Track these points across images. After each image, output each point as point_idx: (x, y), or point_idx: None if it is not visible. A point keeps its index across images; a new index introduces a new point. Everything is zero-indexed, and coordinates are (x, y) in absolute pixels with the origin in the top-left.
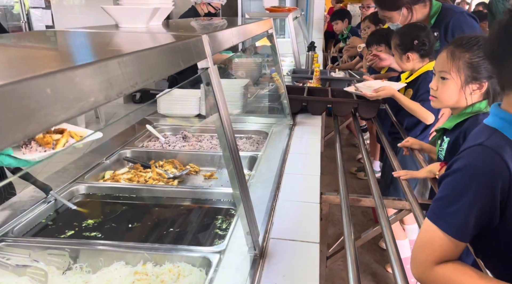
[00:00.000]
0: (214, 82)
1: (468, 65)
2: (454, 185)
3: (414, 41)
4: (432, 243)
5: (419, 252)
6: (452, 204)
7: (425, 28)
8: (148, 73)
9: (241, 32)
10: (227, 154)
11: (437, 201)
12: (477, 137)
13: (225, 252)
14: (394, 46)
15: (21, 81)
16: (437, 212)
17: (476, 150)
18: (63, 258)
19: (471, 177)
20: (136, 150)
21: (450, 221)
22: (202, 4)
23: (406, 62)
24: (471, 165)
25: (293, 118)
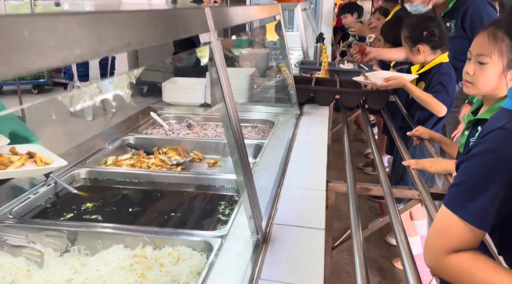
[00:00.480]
0: (217, 57)
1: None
2: (476, 170)
3: (424, 32)
4: (448, 231)
5: (433, 240)
6: (473, 190)
7: (435, 19)
8: (143, 35)
9: (246, 12)
10: (230, 133)
11: (455, 186)
12: (497, 122)
13: (227, 236)
14: (404, 39)
15: None
16: (455, 199)
17: (499, 133)
18: (60, 240)
19: (495, 162)
20: (139, 136)
21: (470, 208)
22: None
23: (417, 55)
24: (494, 149)
25: (300, 109)
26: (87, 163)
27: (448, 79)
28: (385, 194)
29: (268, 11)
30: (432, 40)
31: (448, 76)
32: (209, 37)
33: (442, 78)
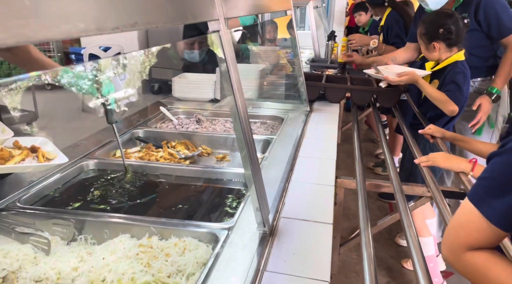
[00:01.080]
0: (226, 46)
1: None
2: (507, 167)
3: (440, 29)
4: (469, 226)
5: (453, 232)
6: (501, 188)
7: (452, 15)
8: (151, 16)
9: (256, 3)
10: (238, 125)
11: (482, 180)
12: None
13: (233, 228)
14: (420, 35)
15: None
16: (481, 194)
17: None
18: (68, 229)
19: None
20: (148, 130)
21: (495, 206)
22: None
23: (432, 52)
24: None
25: (310, 105)
26: (96, 154)
27: (462, 79)
28: (395, 190)
29: (279, 4)
30: (448, 38)
31: (463, 75)
32: (218, 25)
33: (456, 77)
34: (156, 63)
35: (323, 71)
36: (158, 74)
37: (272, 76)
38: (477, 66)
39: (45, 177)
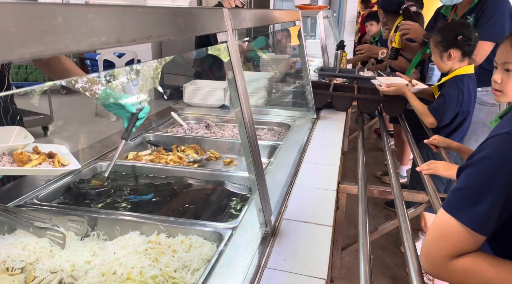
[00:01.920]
0: (233, 56)
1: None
2: (478, 176)
3: (459, 36)
4: (450, 236)
5: (433, 246)
6: (474, 196)
7: (468, 26)
8: (164, 29)
9: (265, 15)
10: (243, 129)
11: (456, 191)
12: (504, 125)
13: (237, 228)
14: (435, 44)
15: (34, 3)
16: (456, 204)
17: (503, 139)
18: (81, 225)
19: (498, 168)
20: (159, 134)
21: (472, 213)
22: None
23: (446, 61)
24: (498, 155)
25: (317, 113)
26: (109, 156)
27: (456, 94)
28: (395, 197)
29: (288, 16)
30: (467, 44)
31: (457, 90)
32: (226, 36)
33: (449, 91)
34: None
35: (331, 79)
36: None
37: (281, 84)
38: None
39: (62, 177)
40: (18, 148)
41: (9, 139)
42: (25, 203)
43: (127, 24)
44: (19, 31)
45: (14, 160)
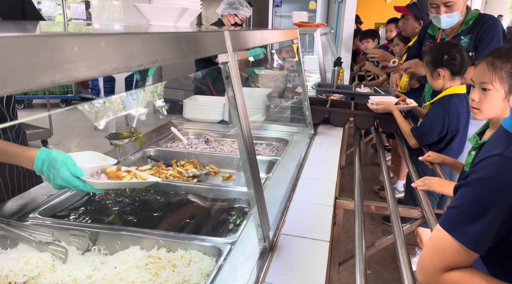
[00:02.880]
0: (233, 76)
1: (510, 75)
2: (474, 197)
3: (444, 56)
4: (445, 251)
5: (428, 259)
6: (471, 216)
7: (456, 45)
8: (169, 54)
9: (264, 35)
10: (242, 145)
11: (453, 209)
12: (495, 145)
13: (236, 243)
14: (426, 63)
15: (53, 35)
16: (452, 221)
17: (497, 161)
18: (83, 240)
19: (493, 191)
20: (159, 149)
21: (469, 232)
22: (228, 15)
23: (437, 79)
24: (493, 178)
25: (314, 129)
26: None
27: (441, 116)
28: (390, 212)
29: (286, 35)
30: (452, 64)
31: (443, 112)
32: (227, 57)
33: (433, 113)
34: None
35: (329, 96)
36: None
37: (279, 100)
38: None
39: (63, 192)
40: (107, 167)
41: (94, 161)
42: (27, 217)
43: (136, 50)
44: (39, 61)
45: (111, 177)
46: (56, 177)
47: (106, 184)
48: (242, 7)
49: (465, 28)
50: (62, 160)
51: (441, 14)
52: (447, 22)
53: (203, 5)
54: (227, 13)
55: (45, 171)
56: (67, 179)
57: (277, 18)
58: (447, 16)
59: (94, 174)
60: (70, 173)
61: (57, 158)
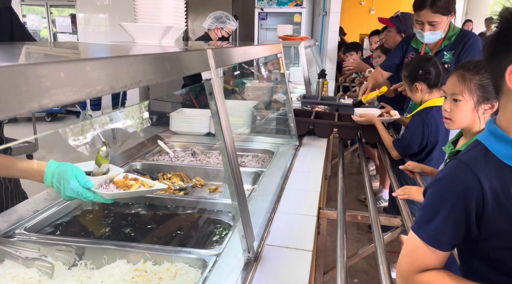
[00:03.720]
0: (216, 92)
1: (478, 87)
2: (432, 196)
3: (419, 71)
4: (414, 251)
5: (403, 260)
6: (430, 214)
7: (431, 59)
8: (152, 75)
9: (246, 51)
10: (226, 159)
11: (420, 210)
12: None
13: (221, 255)
14: (404, 78)
15: (41, 63)
16: (418, 221)
17: (452, 163)
18: (69, 255)
19: (444, 190)
20: (146, 162)
21: (427, 229)
22: (215, 29)
23: (415, 93)
24: (444, 178)
25: (299, 140)
26: None
27: (420, 128)
28: (371, 221)
29: (269, 50)
30: (428, 78)
31: (422, 125)
32: (210, 74)
33: (413, 125)
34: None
35: (313, 107)
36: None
37: (265, 112)
38: None
39: (49, 207)
40: (114, 176)
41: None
42: (13, 233)
43: (120, 73)
44: (28, 89)
45: (119, 186)
46: (66, 189)
47: (116, 195)
48: (229, 21)
49: (448, 44)
50: (72, 172)
51: (425, 31)
52: (430, 38)
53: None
54: (214, 27)
55: (55, 183)
56: (78, 190)
57: (263, 30)
58: (431, 33)
59: (103, 184)
60: (81, 184)
61: (67, 169)
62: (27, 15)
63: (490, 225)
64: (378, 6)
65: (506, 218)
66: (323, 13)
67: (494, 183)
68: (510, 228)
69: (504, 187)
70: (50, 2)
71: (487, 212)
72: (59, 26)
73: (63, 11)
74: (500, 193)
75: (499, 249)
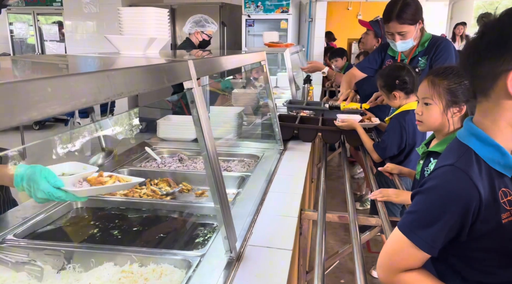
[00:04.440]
0: (198, 101)
1: (447, 91)
2: (428, 204)
3: (396, 80)
4: (401, 252)
5: (387, 258)
6: (426, 221)
7: (404, 68)
8: (134, 86)
9: (228, 61)
10: (208, 165)
11: (410, 214)
12: (449, 155)
13: (205, 256)
14: (380, 88)
15: (30, 80)
16: (410, 226)
17: (448, 171)
18: (58, 259)
19: (443, 200)
20: (133, 169)
21: (423, 236)
22: (196, 33)
23: (393, 100)
24: (444, 187)
25: (284, 145)
26: None
27: (398, 131)
28: (349, 221)
29: (252, 58)
30: (405, 87)
31: (400, 128)
32: (191, 84)
33: (391, 128)
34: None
35: (298, 112)
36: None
37: (251, 117)
38: None
39: (38, 214)
40: (88, 175)
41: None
42: (4, 240)
43: (102, 86)
44: (18, 104)
45: (93, 183)
46: (37, 191)
47: (88, 191)
48: (208, 24)
49: (422, 50)
50: (40, 173)
51: (396, 41)
52: (402, 47)
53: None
54: (194, 31)
55: (25, 186)
56: (48, 190)
57: (250, 37)
58: (402, 42)
59: (76, 183)
60: (51, 184)
61: (35, 171)
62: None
63: (478, 229)
64: (365, 11)
65: (492, 222)
66: (309, 19)
67: (486, 189)
68: (493, 231)
69: (492, 192)
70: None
71: (480, 217)
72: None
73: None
74: (490, 198)
75: (479, 249)
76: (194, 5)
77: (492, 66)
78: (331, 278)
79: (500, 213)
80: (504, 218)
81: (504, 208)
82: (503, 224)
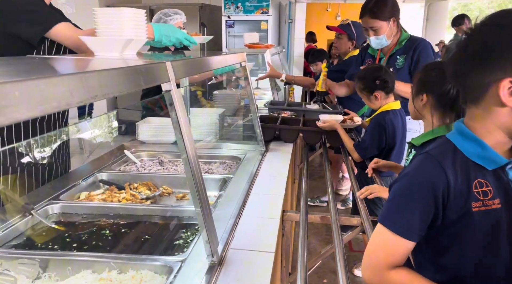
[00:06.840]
0: (176, 102)
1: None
2: (399, 190)
3: (376, 81)
4: (384, 244)
5: (372, 255)
6: (399, 207)
7: (381, 68)
8: (109, 89)
9: (207, 62)
10: (188, 168)
11: (386, 204)
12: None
13: (186, 260)
14: (360, 90)
15: None
16: (385, 215)
17: (421, 158)
18: (32, 268)
19: (414, 182)
20: (112, 173)
21: (398, 221)
22: None
23: (375, 101)
24: (413, 171)
25: (266, 146)
26: (61, 198)
27: (377, 131)
28: (331, 221)
29: (232, 59)
30: (386, 86)
31: (379, 128)
32: (169, 86)
33: (371, 129)
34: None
35: (280, 113)
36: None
37: (232, 119)
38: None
39: (10, 223)
40: None
41: None
42: None
43: (74, 89)
44: None
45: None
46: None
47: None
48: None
49: (399, 48)
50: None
51: (370, 37)
52: (376, 43)
53: None
54: None
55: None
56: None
57: (231, 38)
58: (375, 38)
59: None
60: None
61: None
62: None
63: (450, 215)
64: (344, 12)
65: (462, 209)
66: (289, 20)
67: (458, 178)
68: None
69: (466, 180)
70: None
71: (450, 203)
72: None
73: None
74: (461, 186)
75: (449, 236)
76: (173, 5)
77: (480, 77)
78: (314, 278)
79: (470, 201)
80: (475, 206)
81: (476, 197)
82: (473, 212)
